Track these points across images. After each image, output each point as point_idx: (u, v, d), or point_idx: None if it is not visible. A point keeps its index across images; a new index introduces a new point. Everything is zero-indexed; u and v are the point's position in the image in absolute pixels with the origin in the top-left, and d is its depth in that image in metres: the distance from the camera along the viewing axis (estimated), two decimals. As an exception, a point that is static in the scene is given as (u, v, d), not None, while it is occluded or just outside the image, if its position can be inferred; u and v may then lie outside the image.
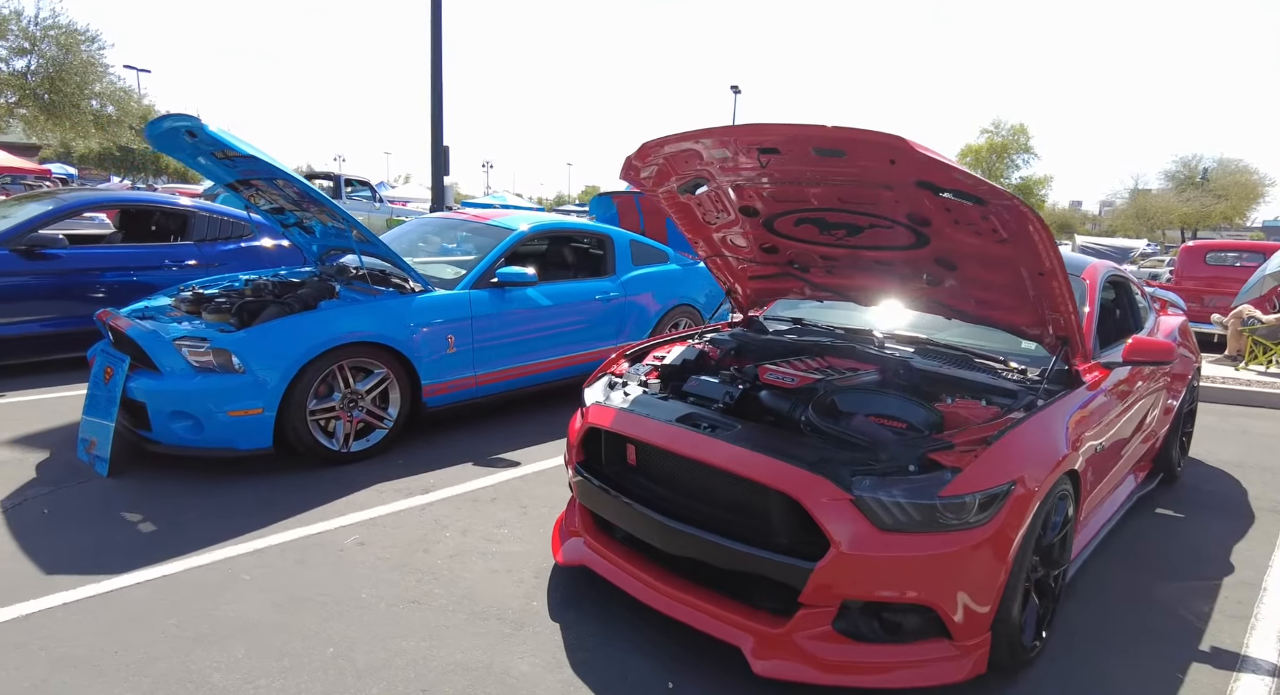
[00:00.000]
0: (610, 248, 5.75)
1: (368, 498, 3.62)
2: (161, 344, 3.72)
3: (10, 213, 5.79)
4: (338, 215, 4.19)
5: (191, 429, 3.69)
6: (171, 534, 3.12)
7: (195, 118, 3.70)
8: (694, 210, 3.28)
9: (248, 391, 3.66)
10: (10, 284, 5.30)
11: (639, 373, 3.15)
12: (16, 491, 3.46)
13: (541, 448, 4.49)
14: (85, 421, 3.89)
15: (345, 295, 4.30)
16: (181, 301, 4.31)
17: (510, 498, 3.71)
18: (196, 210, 6.53)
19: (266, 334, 3.76)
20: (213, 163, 4.51)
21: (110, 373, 3.80)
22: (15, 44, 13.70)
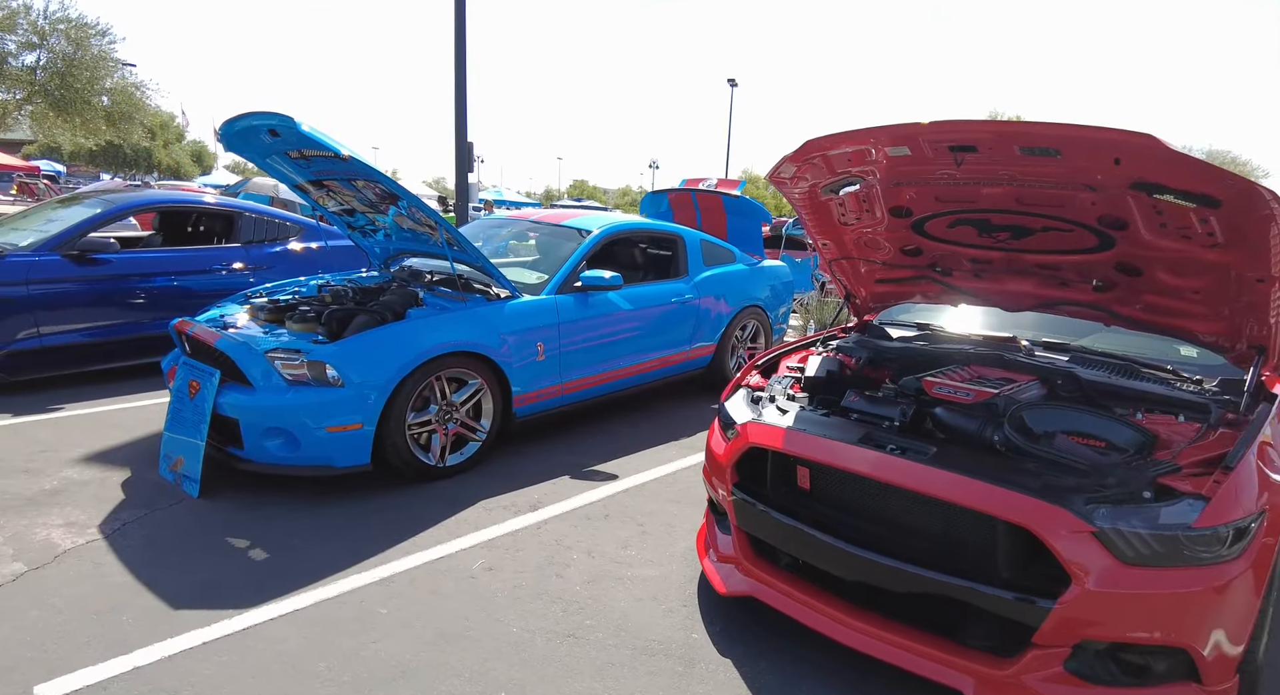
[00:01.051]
0: (682, 248, 5.56)
1: (477, 516, 3.44)
2: (254, 357, 3.51)
3: (57, 216, 5.56)
4: (428, 218, 3.98)
5: (286, 446, 3.49)
6: (287, 562, 2.93)
7: (288, 117, 3.49)
8: (832, 210, 3.10)
9: (347, 406, 3.47)
10: (62, 291, 5.07)
11: (782, 386, 2.97)
12: (111, 515, 3.26)
13: (631, 459, 4.31)
14: (168, 438, 3.69)
15: (431, 302, 4.10)
16: (258, 310, 4.10)
17: (622, 514, 3.53)
18: (242, 211, 6.30)
19: (365, 345, 3.56)
20: (285, 163, 4.31)
21: (196, 387, 3.60)
22: (24, 38, 13.33)
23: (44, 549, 2.92)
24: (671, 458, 4.37)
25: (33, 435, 4.22)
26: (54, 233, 5.18)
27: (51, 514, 3.24)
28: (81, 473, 3.72)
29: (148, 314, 5.51)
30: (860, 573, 2.26)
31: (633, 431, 4.83)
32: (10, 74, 13.46)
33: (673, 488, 3.91)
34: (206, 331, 3.72)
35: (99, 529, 3.13)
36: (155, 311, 5.54)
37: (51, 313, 5.02)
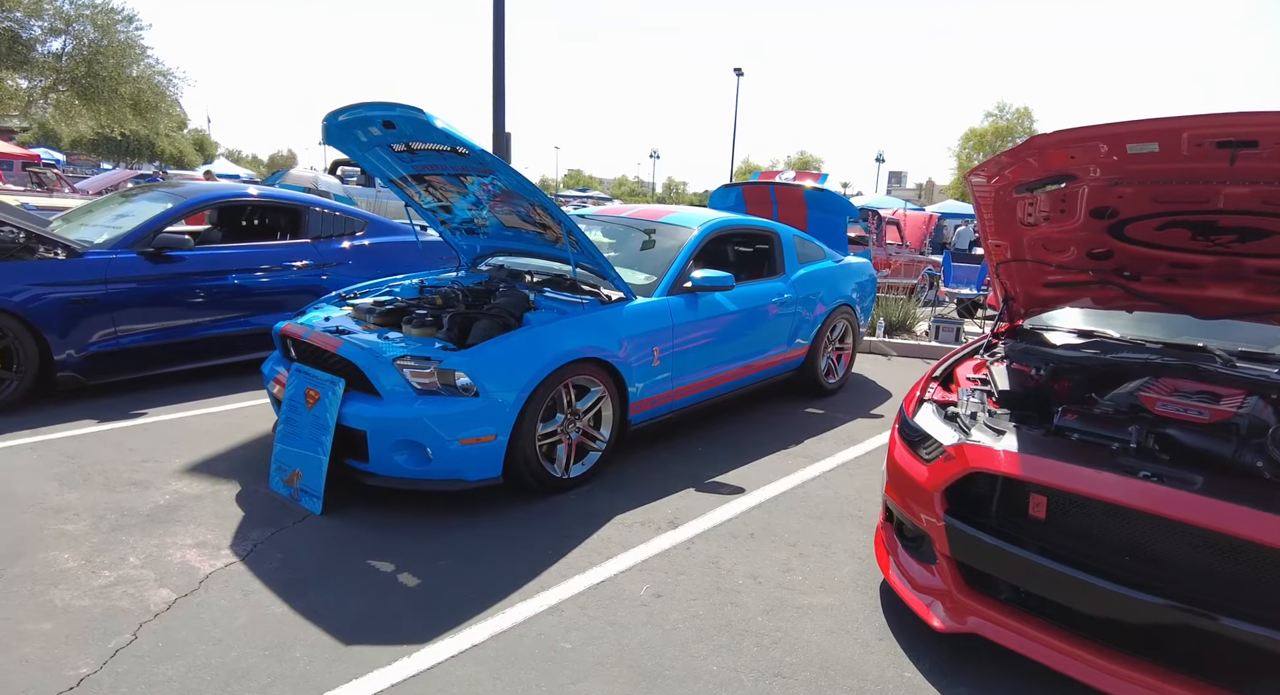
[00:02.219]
0: (777, 245, 5.34)
1: (618, 534, 3.24)
2: (382, 365, 3.31)
3: (124, 211, 5.34)
4: (550, 216, 3.76)
5: (416, 459, 3.30)
6: (441, 588, 2.74)
7: (416, 108, 3.27)
8: (1018, 210, 2.89)
9: (482, 416, 3.27)
10: (139, 290, 4.86)
11: (976, 401, 2.76)
12: (239, 535, 3.06)
13: (749, 470, 4.11)
14: (281, 450, 3.49)
15: (544, 304, 3.89)
16: (365, 313, 3.89)
17: (767, 533, 3.34)
18: (309, 205, 6.08)
19: (499, 352, 3.35)
20: (387, 156, 4.09)
21: (315, 397, 3.39)
22: (50, 24, 13.01)
23: (185, 573, 2.73)
24: (790, 468, 4.17)
25: (125, 443, 4.02)
26: (128, 229, 4.97)
27: (178, 533, 3.04)
28: (191, 486, 3.52)
29: (222, 313, 5.30)
30: (1126, 613, 2.06)
31: (738, 438, 4.64)
32: (35, 61, 13.15)
33: (807, 503, 3.71)
34: (325, 338, 3.50)
35: (232, 550, 2.93)
36: (228, 311, 5.34)
37: (129, 313, 4.82)
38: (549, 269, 4.68)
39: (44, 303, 4.43)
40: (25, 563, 2.75)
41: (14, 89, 12.96)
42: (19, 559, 2.77)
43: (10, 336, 4.32)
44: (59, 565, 2.74)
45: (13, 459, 3.71)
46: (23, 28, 12.72)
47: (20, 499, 3.27)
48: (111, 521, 3.11)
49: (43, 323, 4.42)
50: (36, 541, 2.91)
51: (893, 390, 6.15)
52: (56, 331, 4.49)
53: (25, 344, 4.38)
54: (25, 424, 4.21)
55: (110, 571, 2.71)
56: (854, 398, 5.84)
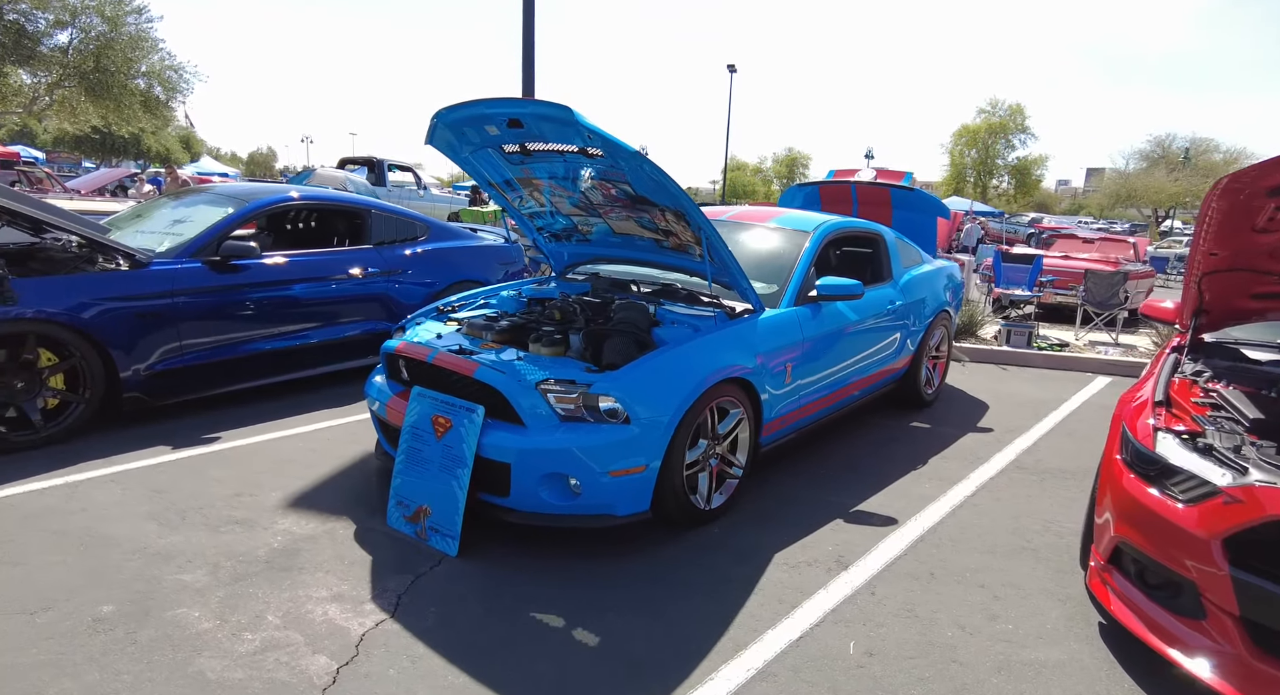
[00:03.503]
0: (883, 248, 5.03)
1: (786, 576, 2.92)
2: (524, 390, 2.97)
3: (181, 215, 4.97)
4: (687, 222, 3.42)
5: (563, 494, 2.97)
6: (627, 649, 2.41)
7: (567, 107, 2.93)
8: (1256, 216, 2.60)
9: (634, 445, 2.94)
10: (205, 302, 4.49)
11: (1230, 431, 2.46)
12: (375, 585, 2.72)
13: (887, 496, 3.82)
14: (403, 483, 3.16)
15: (668, 318, 3.57)
16: (479, 329, 3.55)
17: (947, 572, 3.03)
18: (372, 208, 5.72)
19: (649, 373, 3.03)
20: (497, 158, 3.75)
21: (446, 425, 3.05)
22: (56, 17, 12.45)
23: (335, 635, 2.39)
24: (930, 493, 3.86)
25: (208, 473, 3.67)
26: (191, 237, 4.60)
27: (308, 583, 2.70)
28: (299, 524, 3.18)
29: (289, 325, 4.95)
30: None
31: (856, 458, 4.34)
32: (41, 56, 12.60)
33: (969, 534, 3.41)
34: (457, 360, 3.15)
35: (376, 604, 2.59)
36: (295, 323, 4.99)
37: (194, 326, 4.45)
38: (653, 277, 4.36)
39: (111, 318, 4.07)
40: (155, 622, 2.40)
41: (18, 85, 12.43)
42: (147, 617, 2.43)
43: (78, 355, 3.96)
44: (193, 626, 2.40)
45: (97, 494, 3.36)
46: (28, 20, 12.20)
47: (123, 542, 2.92)
48: (230, 569, 2.77)
49: (110, 339, 4.06)
50: (159, 595, 2.56)
51: (982, 398, 5.87)
52: (123, 348, 4.12)
53: (92, 363, 4.01)
54: (96, 451, 3.85)
55: (252, 634, 2.37)
56: (951, 409, 5.55)
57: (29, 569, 2.70)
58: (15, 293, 3.72)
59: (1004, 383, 6.54)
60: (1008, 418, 5.36)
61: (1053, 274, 10.22)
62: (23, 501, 3.24)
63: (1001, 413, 5.51)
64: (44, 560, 2.76)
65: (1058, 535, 3.42)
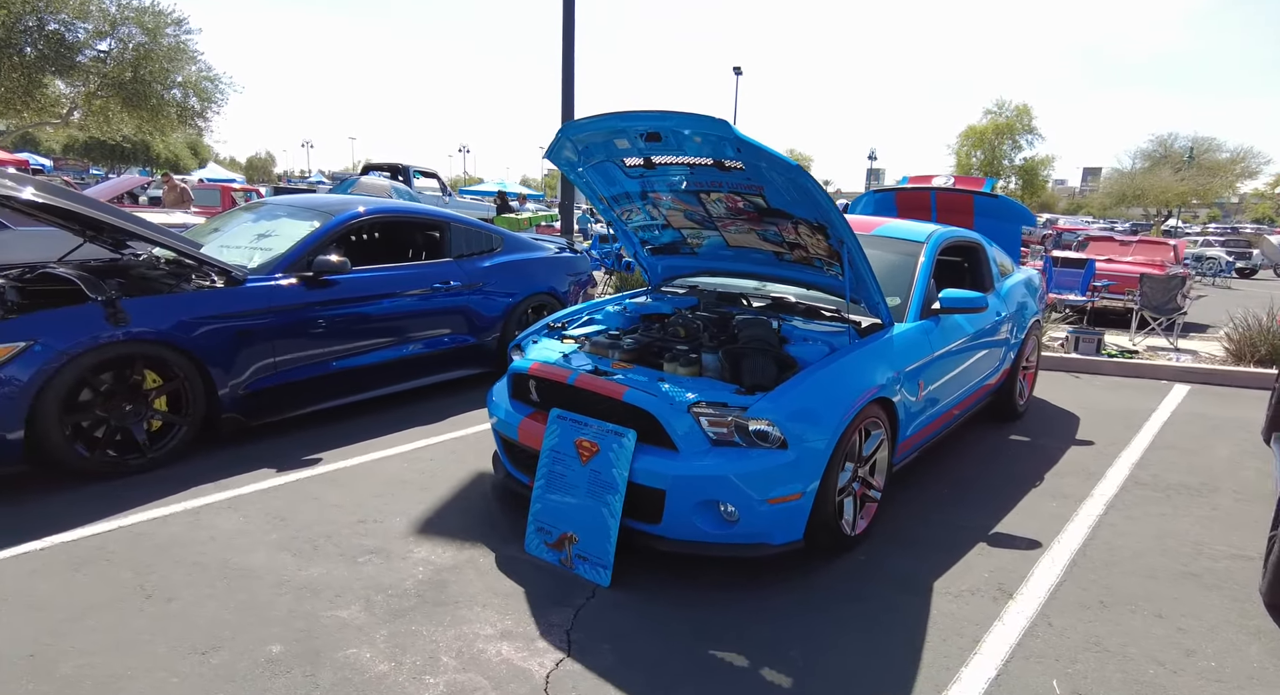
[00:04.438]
0: (984, 257, 4.91)
1: (954, 606, 2.80)
2: (677, 413, 2.86)
3: (264, 228, 4.88)
4: (828, 234, 3.30)
5: (718, 521, 2.86)
6: (825, 690, 2.30)
7: (724, 121, 2.83)
8: None
9: (792, 471, 2.83)
10: (299, 319, 4.40)
11: None
12: (537, 619, 2.61)
13: (1019, 516, 3.70)
14: (543, 510, 3.05)
15: (798, 335, 3.45)
16: (604, 347, 3.44)
17: (1116, 600, 2.90)
18: (451, 221, 5.63)
19: (804, 395, 2.91)
20: (618, 172, 3.65)
21: (592, 449, 2.94)
22: (96, 27, 12.38)
23: (519, 678, 2.28)
24: (1060, 512, 3.74)
25: (323, 498, 3.57)
26: (283, 252, 4.51)
27: (468, 618, 2.59)
28: (437, 553, 3.07)
29: (377, 340, 4.86)
30: None
31: (966, 475, 4.23)
32: (81, 65, 12.53)
33: (1120, 557, 3.28)
34: (602, 382, 3.04)
35: (547, 641, 2.48)
36: (383, 337, 4.89)
37: (288, 343, 4.36)
38: (757, 290, 4.26)
39: (212, 337, 3.97)
40: (330, 664, 2.29)
41: (55, 95, 12.38)
42: (319, 658, 2.32)
43: (181, 376, 3.86)
44: (369, 668, 2.29)
45: (220, 521, 3.26)
46: (69, 30, 12.16)
47: (264, 575, 2.82)
48: (384, 604, 2.66)
49: (210, 359, 3.96)
50: (321, 633, 2.46)
51: (1068, 408, 5.74)
52: (222, 368, 4.03)
53: (194, 384, 3.92)
54: (202, 474, 3.75)
55: (433, 677, 2.26)
56: (1042, 421, 5.42)
57: (183, 604, 2.60)
58: (126, 313, 3.63)
59: (1081, 392, 6.41)
60: (1103, 429, 5.23)
61: (1107, 278, 10.08)
62: (150, 530, 3.14)
63: (1094, 424, 5.38)
64: (194, 595, 2.66)
65: (1212, 559, 3.29)
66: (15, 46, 11.57)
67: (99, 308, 3.59)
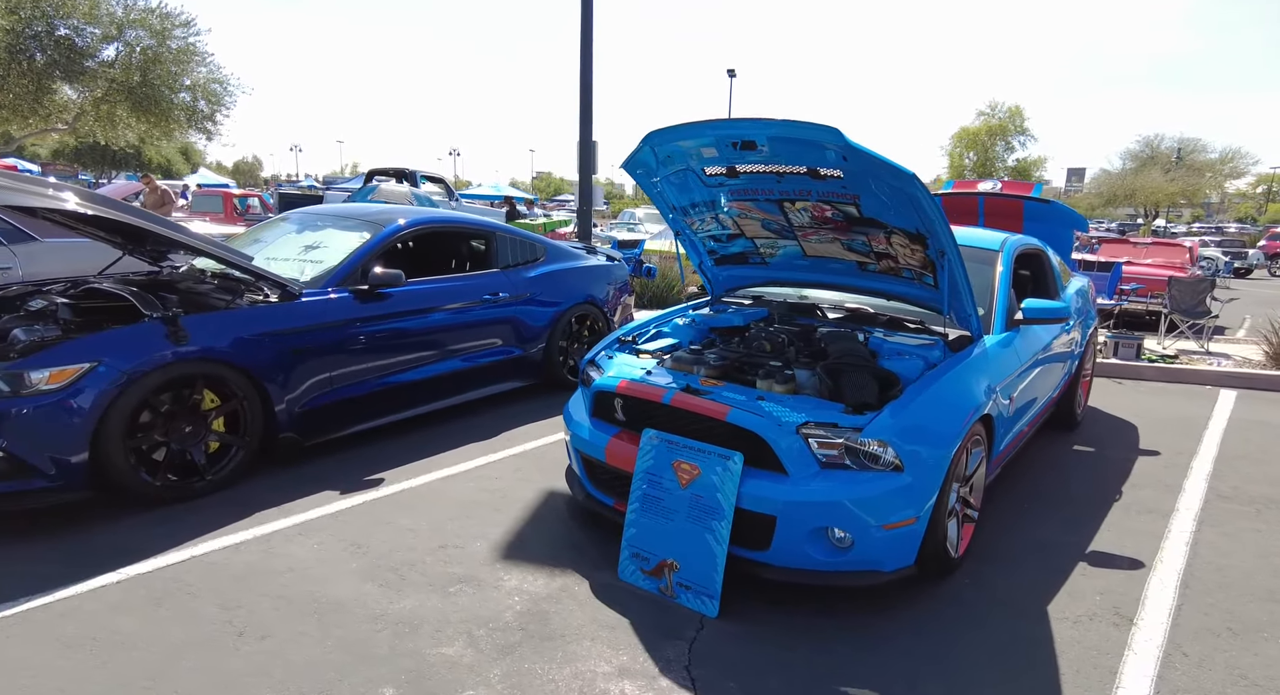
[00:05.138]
0: (1048, 265, 4.81)
1: (1079, 634, 2.69)
2: (785, 434, 2.74)
3: (316, 241, 4.74)
4: (928, 244, 3.17)
5: (829, 549, 2.74)
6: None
7: (835, 130, 2.71)
8: None
9: (907, 495, 2.71)
10: (354, 333, 4.26)
11: None
12: (652, 654, 2.48)
13: (1110, 534, 3.59)
14: (638, 535, 2.92)
15: (886, 349, 3.34)
16: (687, 364, 3.31)
17: (1246, 628, 2.78)
18: (497, 231, 5.50)
19: (919, 414, 2.80)
20: (699, 181, 3.53)
21: (693, 472, 2.82)
22: (104, 31, 12.15)
23: (655, 723, 2.16)
24: (1153, 529, 3.63)
25: (395, 521, 3.44)
26: (336, 264, 4.37)
27: (579, 655, 2.46)
28: (527, 581, 2.94)
29: (429, 354, 4.73)
30: None
31: (1040, 489, 4.12)
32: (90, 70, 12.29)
33: (1231, 578, 3.17)
34: (702, 401, 2.91)
35: (671, 680, 2.35)
36: (435, 351, 4.76)
37: (343, 359, 4.22)
38: (827, 300, 4.15)
39: (270, 354, 3.83)
40: (452, 714, 2.17)
41: (64, 101, 12.15)
42: (439, 708, 2.19)
43: (240, 396, 3.72)
44: (493, 715, 2.16)
45: (294, 550, 3.12)
46: (79, 34, 11.93)
47: (354, 608, 2.68)
48: (489, 640, 2.53)
49: (269, 377, 3.83)
50: (433, 674, 2.32)
51: (1120, 416, 5.64)
52: (279, 386, 3.89)
53: (253, 403, 3.78)
54: (262, 498, 3.61)
55: (563, 723, 2.14)
56: (1099, 429, 5.32)
57: (279, 642, 2.46)
58: (187, 331, 3.49)
59: (1128, 398, 6.31)
60: (1164, 438, 5.13)
61: (1135, 281, 10.01)
62: (224, 560, 3.00)
63: (1153, 432, 5.28)
64: (288, 632, 2.52)
65: (1325, 578, 3.20)
66: (25, 53, 11.37)
67: (160, 326, 3.45)
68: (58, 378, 3.14)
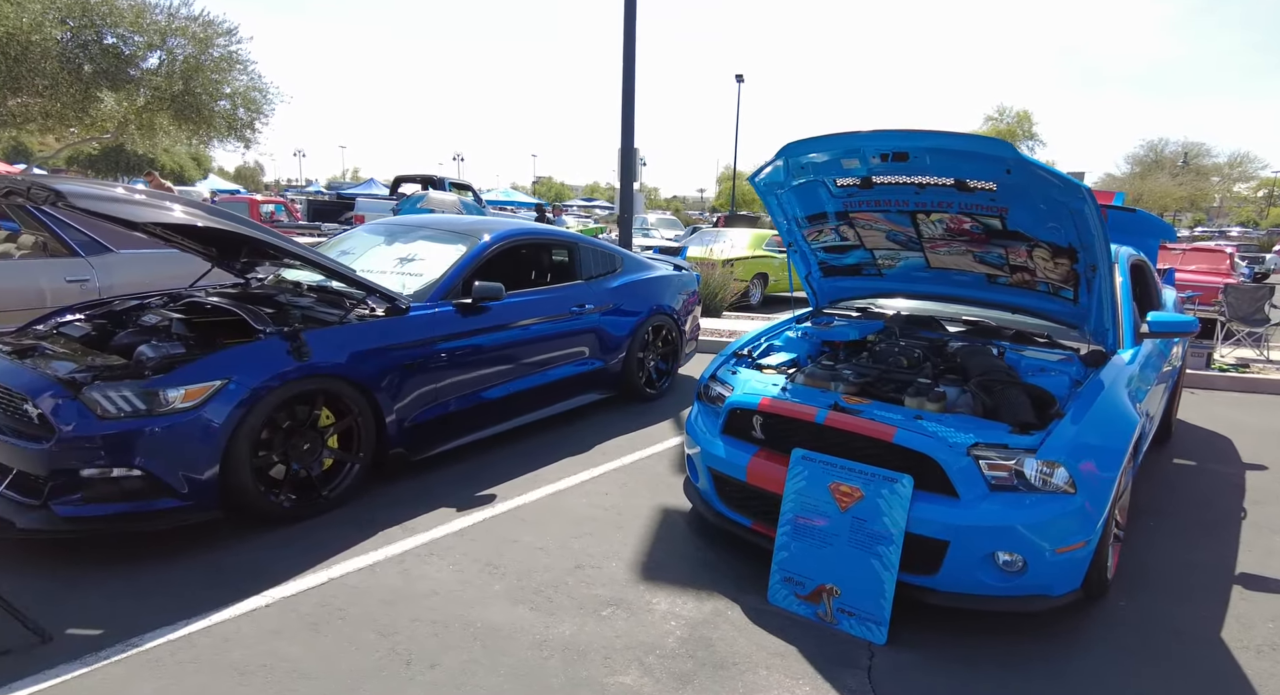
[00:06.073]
0: (1150, 275, 4.73)
1: (1268, 666, 2.60)
2: (956, 455, 2.67)
3: (409, 252, 4.69)
4: (1073, 258, 3.10)
5: (1000, 573, 2.66)
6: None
7: (1008, 144, 2.65)
8: None
9: (1080, 518, 2.63)
10: (459, 347, 4.20)
11: None
12: (835, 683, 2.40)
13: (1251, 555, 3.50)
14: (790, 558, 2.85)
15: (1027, 364, 3.27)
16: (823, 380, 3.24)
17: None
18: (579, 242, 5.45)
19: (1088, 433, 2.72)
20: (824, 192, 3.47)
21: (854, 495, 2.75)
22: (148, 39, 12.17)
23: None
24: None
25: (521, 540, 3.37)
26: (439, 278, 4.31)
27: (761, 686, 2.38)
28: (677, 604, 2.87)
29: (523, 368, 4.67)
30: None
31: (1156, 504, 4.03)
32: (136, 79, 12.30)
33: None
34: (865, 422, 2.82)
35: (860, 711, 2.29)
36: (529, 364, 4.70)
37: (447, 373, 4.16)
38: (935, 311, 4.08)
39: (383, 369, 3.78)
40: (654, 749, 2.10)
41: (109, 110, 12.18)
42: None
43: (356, 412, 3.67)
44: (696, 751, 2.09)
45: (430, 571, 3.06)
46: (125, 43, 11.96)
47: (514, 634, 2.61)
48: (662, 668, 2.46)
49: (382, 393, 3.77)
50: (620, 709, 2.26)
51: (1209, 427, 5.55)
52: (391, 401, 3.83)
53: (366, 418, 3.72)
54: (381, 516, 3.55)
55: (772, 759, 2.07)
56: (1193, 442, 5.23)
57: (450, 671, 2.39)
58: (309, 347, 3.44)
59: (1208, 409, 6.21)
60: (1265, 452, 5.03)
61: (1188, 289, 9.89)
62: (364, 583, 2.94)
63: (1250, 445, 5.18)
64: (455, 660, 2.46)
65: None
66: (75, 62, 11.40)
67: (283, 341, 3.40)
68: (192, 395, 3.09)
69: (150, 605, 2.71)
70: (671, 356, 6.08)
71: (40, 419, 3.00)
